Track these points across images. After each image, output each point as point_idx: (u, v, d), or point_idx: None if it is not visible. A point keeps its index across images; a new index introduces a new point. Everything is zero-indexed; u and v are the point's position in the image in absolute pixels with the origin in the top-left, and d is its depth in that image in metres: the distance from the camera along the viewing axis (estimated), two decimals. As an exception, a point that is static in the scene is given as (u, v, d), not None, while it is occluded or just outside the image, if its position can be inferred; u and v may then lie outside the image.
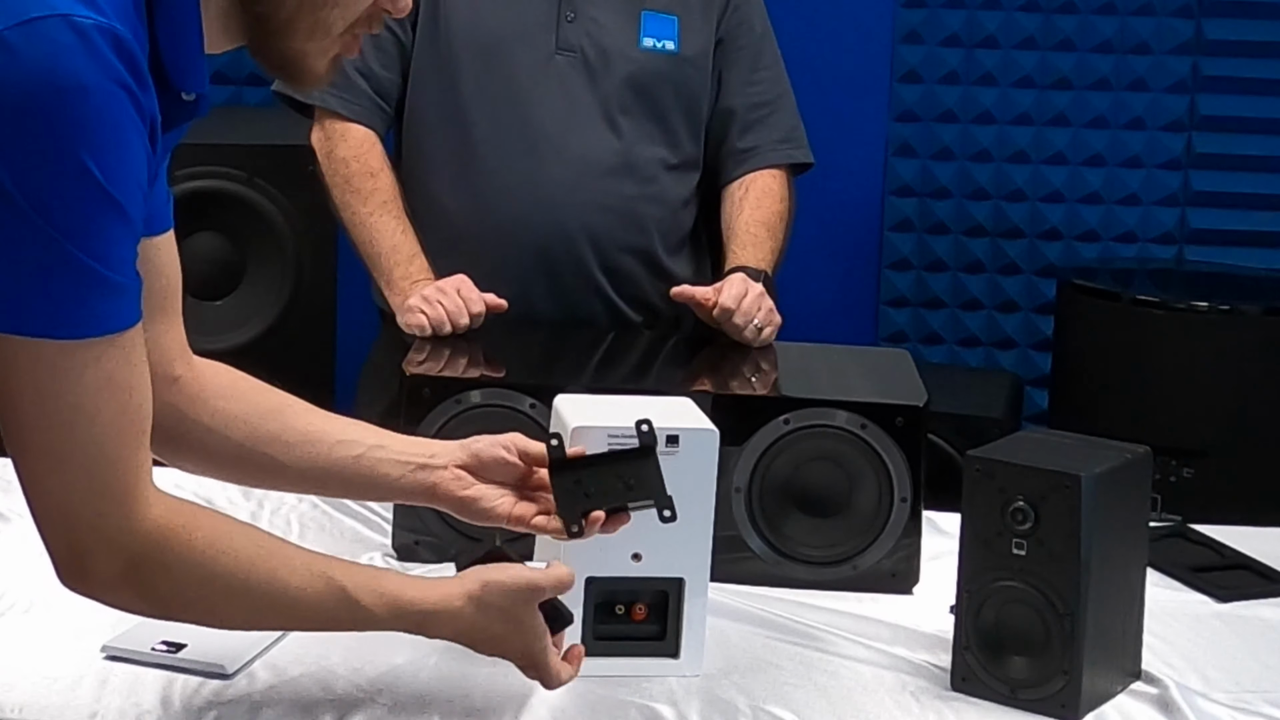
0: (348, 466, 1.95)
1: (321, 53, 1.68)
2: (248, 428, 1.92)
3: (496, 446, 1.95)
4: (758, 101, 2.99)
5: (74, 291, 1.52)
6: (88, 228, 1.51)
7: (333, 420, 1.98)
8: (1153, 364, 3.90)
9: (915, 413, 2.30)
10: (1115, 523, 1.97)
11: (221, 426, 1.91)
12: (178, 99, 1.64)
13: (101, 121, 1.49)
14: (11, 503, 2.44)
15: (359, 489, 2.01)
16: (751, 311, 2.70)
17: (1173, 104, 4.42)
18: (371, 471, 1.95)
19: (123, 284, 1.55)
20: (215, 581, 1.67)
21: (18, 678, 1.91)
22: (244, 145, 3.80)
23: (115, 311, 1.56)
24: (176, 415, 1.88)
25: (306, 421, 1.95)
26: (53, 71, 1.47)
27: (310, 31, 1.65)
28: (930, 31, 4.43)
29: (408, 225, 2.86)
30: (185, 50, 1.61)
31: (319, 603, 1.73)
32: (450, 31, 2.90)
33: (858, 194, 4.50)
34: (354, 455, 1.95)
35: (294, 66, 1.68)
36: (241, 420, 1.92)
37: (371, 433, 1.98)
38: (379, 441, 1.96)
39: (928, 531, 2.34)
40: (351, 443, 1.95)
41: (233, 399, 1.93)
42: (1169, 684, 2.01)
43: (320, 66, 1.69)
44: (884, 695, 1.99)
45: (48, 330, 1.53)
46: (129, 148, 1.53)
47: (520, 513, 1.93)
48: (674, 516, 1.90)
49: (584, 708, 1.92)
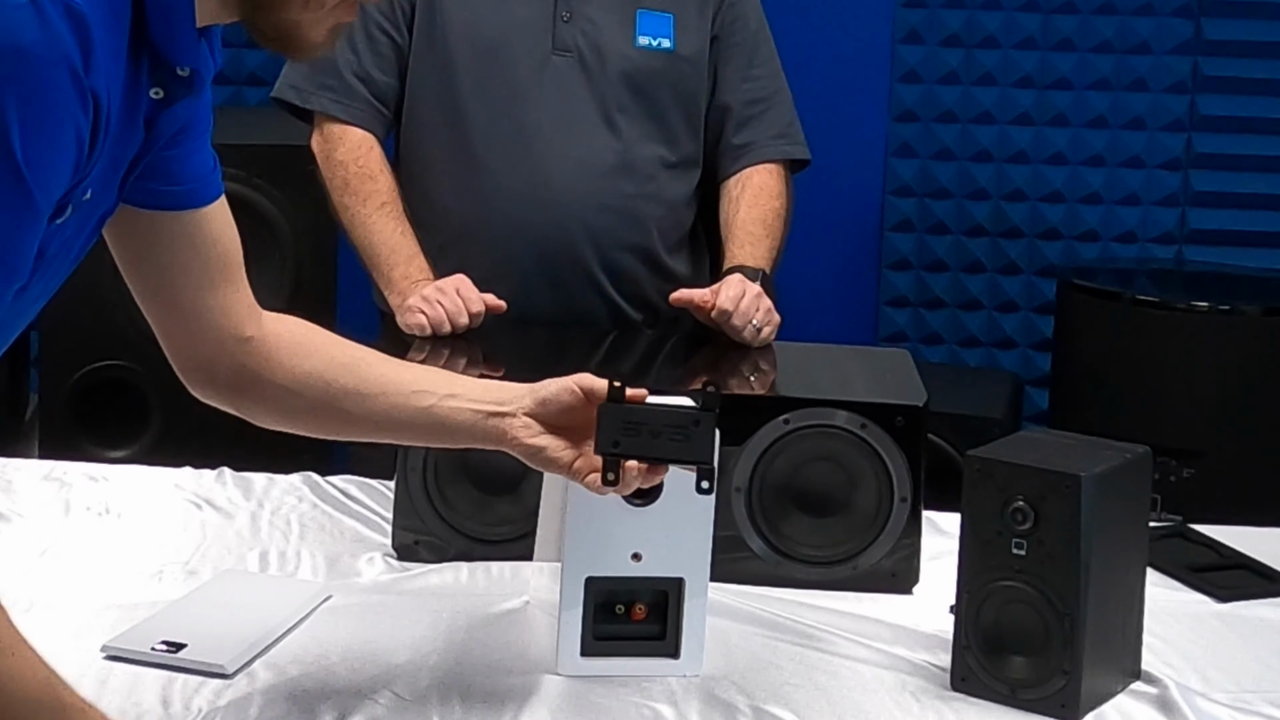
0: (421, 415, 1.93)
1: (316, 22, 1.65)
2: (323, 384, 1.92)
3: (563, 390, 1.91)
4: (753, 98, 3.00)
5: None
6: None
7: (405, 370, 1.98)
8: (1153, 364, 3.90)
9: (915, 413, 2.30)
10: (1115, 523, 1.97)
11: (297, 385, 1.91)
12: (174, 74, 1.62)
13: (34, 88, 1.44)
14: (11, 502, 2.44)
15: (434, 436, 1.99)
16: (750, 312, 2.70)
17: (1173, 104, 4.42)
18: (445, 420, 1.93)
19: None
20: None
21: (18, 678, 1.91)
22: (244, 145, 3.80)
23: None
24: (251, 375, 1.89)
25: (380, 373, 1.94)
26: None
27: (305, 1, 1.64)
28: (930, 31, 4.43)
29: (407, 226, 2.86)
30: (174, 23, 1.59)
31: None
32: (447, 33, 2.90)
33: (857, 194, 4.50)
34: (427, 405, 1.93)
35: (289, 38, 1.65)
36: (316, 376, 1.92)
37: (444, 380, 1.97)
38: (451, 390, 1.94)
39: (928, 531, 2.34)
40: (425, 393, 1.93)
41: (307, 356, 1.93)
42: (1169, 684, 2.01)
43: (317, 36, 1.66)
44: (884, 695, 1.99)
45: None
46: (56, 124, 1.48)
47: (579, 466, 1.90)
48: (711, 489, 1.85)
49: (584, 707, 1.92)
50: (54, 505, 2.45)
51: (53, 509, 2.44)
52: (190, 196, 1.77)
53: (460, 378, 2.00)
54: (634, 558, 1.99)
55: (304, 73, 2.93)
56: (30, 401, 4.25)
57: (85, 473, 2.56)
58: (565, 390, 1.91)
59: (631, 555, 1.99)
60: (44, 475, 2.55)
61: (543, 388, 1.92)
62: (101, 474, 2.56)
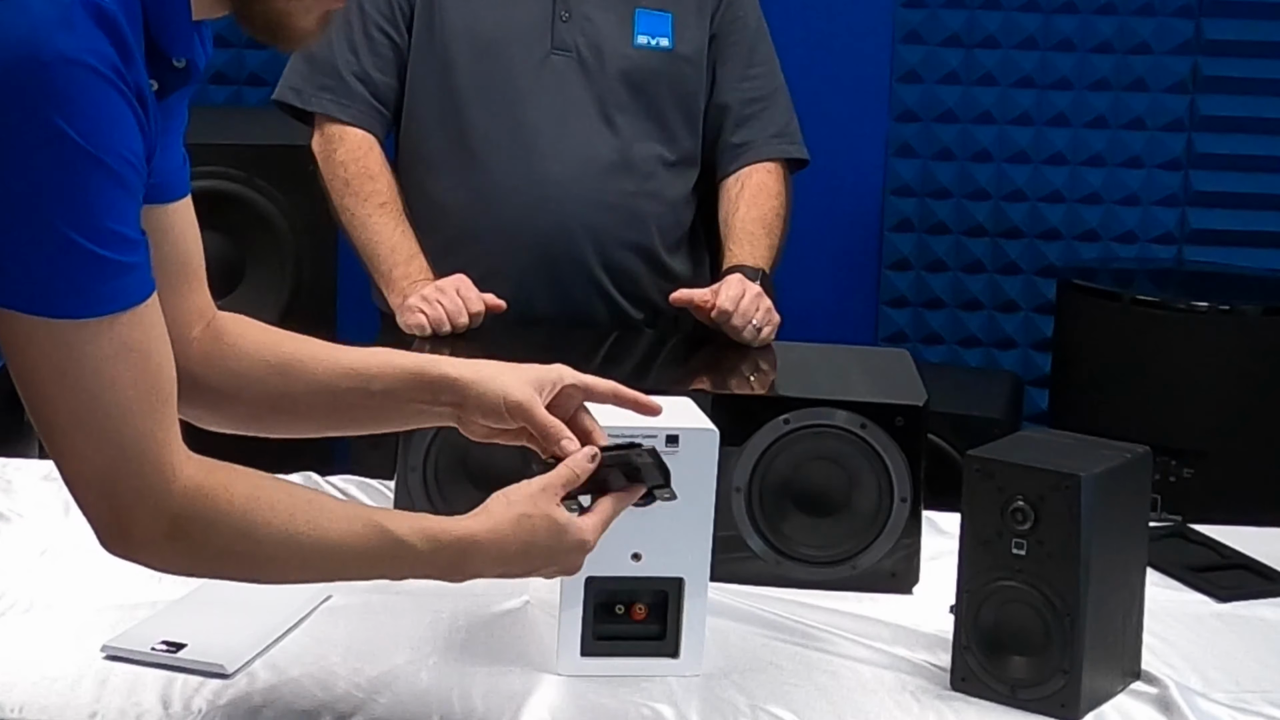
0: (357, 404, 1.92)
1: (306, 10, 1.65)
2: (258, 384, 1.89)
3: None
4: (752, 97, 3.00)
5: (71, 273, 1.52)
6: (75, 200, 1.50)
7: (339, 360, 1.92)
8: (1153, 364, 3.90)
9: (915, 413, 2.30)
10: (1115, 523, 1.97)
11: (233, 388, 1.89)
12: (170, 66, 1.63)
13: (82, 91, 1.48)
14: (12, 502, 2.44)
15: (381, 423, 1.97)
16: (750, 312, 2.70)
17: (1173, 104, 4.42)
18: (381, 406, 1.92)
19: (120, 261, 1.54)
20: (257, 533, 1.66)
21: (18, 678, 1.91)
22: (244, 145, 3.80)
23: (120, 290, 1.55)
24: (190, 379, 1.83)
25: (312, 371, 1.91)
26: (30, 43, 1.47)
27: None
28: (930, 31, 4.43)
29: (407, 226, 2.86)
30: (170, 15, 1.60)
31: (362, 546, 1.71)
32: (446, 33, 2.90)
33: (858, 194, 4.50)
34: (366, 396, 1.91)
35: (280, 27, 1.66)
36: (249, 378, 1.89)
37: (375, 364, 1.92)
38: (385, 385, 1.91)
39: (928, 531, 2.34)
40: (359, 388, 1.91)
41: (239, 358, 1.89)
42: (1169, 684, 2.01)
43: (308, 24, 1.66)
44: (884, 695, 1.99)
45: (50, 310, 1.53)
46: (117, 117, 1.51)
47: None
48: (674, 497, 1.86)
49: (584, 707, 1.92)
50: (54, 505, 2.44)
51: (53, 509, 2.44)
52: (159, 191, 1.75)
53: (387, 365, 1.93)
54: (634, 558, 1.99)
55: (304, 74, 2.93)
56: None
57: (85, 473, 2.55)
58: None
59: (631, 555, 1.99)
60: (44, 475, 2.55)
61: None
62: (101, 474, 2.56)
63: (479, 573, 1.79)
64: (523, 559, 1.79)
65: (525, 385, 1.89)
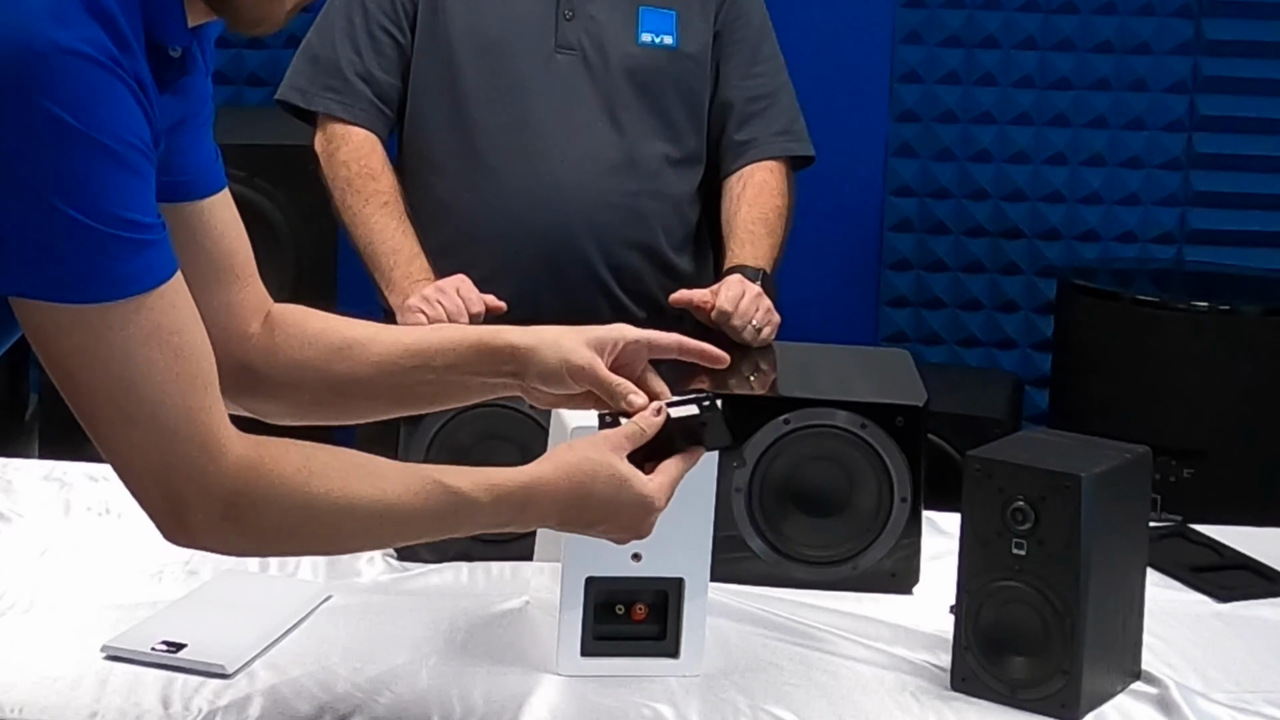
0: (421, 382, 1.89)
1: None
2: (321, 372, 1.87)
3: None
4: (755, 94, 3.00)
5: (87, 256, 1.51)
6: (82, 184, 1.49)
7: (399, 340, 1.91)
8: (1153, 364, 3.90)
9: (915, 413, 2.30)
10: (1115, 523, 1.97)
11: (297, 377, 1.87)
12: (166, 57, 1.62)
13: (78, 78, 1.48)
14: (12, 503, 2.44)
15: (436, 402, 1.96)
16: (749, 313, 2.70)
17: (1173, 104, 4.42)
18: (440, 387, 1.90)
19: (136, 240, 1.53)
20: (316, 504, 1.63)
21: (18, 678, 1.91)
22: (244, 145, 3.80)
23: (140, 270, 1.54)
24: (254, 374, 1.85)
25: (374, 353, 1.89)
26: (24, 34, 1.46)
27: None
28: (930, 31, 4.43)
29: (408, 226, 2.86)
30: (162, 5, 1.59)
31: (422, 504, 1.68)
32: (450, 33, 2.90)
33: (858, 194, 4.50)
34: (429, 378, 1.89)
35: (250, 9, 1.64)
36: (312, 366, 1.87)
37: (436, 341, 1.90)
38: (448, 361, 1.89)
39: (928, 531, 2.34)
40: (423, 367, 1.89)
41: (303, 346, 1.87)
42: (1169, 684, 2.01)
43: (278, 14, 1.64)
44: (884, 695, 1.99)
45: (72, 295, 1.52)
46: (116, 101, 1.51)
47: None
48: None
49: (584, 708, 1.92)
50: (54, 505, 2.45)
51: (53, 509, 2.44)
52: (189, 188, 1.75)
53: (451, 344, 1.91)
54: (634, 558, 1.99)
55: (307, 74, 2.93)
56: (30, 401, 4.25)
57: (85, 473, 2.55)
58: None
59: (631, 555, 1.99)
60: (44, 475, 2.55)
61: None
62: (102, 474, 2.56)
63: (540, 520, 1.77)
64: (579, 508, 1.75)
65: (585, 348, 1.85)
